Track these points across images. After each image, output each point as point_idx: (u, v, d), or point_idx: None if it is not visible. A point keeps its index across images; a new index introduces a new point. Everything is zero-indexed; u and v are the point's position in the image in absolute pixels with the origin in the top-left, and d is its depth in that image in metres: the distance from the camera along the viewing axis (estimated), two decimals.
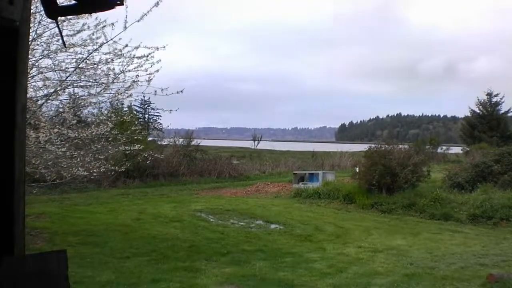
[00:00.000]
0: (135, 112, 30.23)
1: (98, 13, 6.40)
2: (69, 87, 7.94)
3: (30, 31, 2.93)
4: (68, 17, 6.54)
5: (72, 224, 10.16)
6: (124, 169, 11.46)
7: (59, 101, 8.20)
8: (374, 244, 8.93)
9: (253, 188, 18.18)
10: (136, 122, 15.10)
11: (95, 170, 8.75)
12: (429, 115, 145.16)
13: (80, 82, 7.89)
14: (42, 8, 2.67)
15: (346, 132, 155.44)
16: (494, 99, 35.71)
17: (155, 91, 7.73)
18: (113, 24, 7.12)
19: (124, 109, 15.56)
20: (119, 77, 7.81)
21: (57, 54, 7.54)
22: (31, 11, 2.09)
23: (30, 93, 7.37)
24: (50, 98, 7.76)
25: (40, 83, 7.56)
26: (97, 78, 7.85)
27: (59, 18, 2.29)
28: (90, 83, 7.89)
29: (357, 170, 16.24)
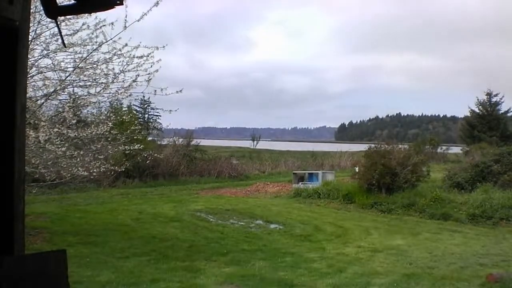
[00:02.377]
0: (134, 112, 30.20)
1: (98, 13, 6.40)
2: (68, 86, 7.94)
3: (30, 30, 2.94)
4: (68, 16, 6.53)
5: (71, 224, 10.16)
6: (123, 169, 11.46)
7: (58, 100, 8.20)
8: (374, 244, 8.94)
9: (252, 188, 18.18)
10: (135, 121, 15.09)
11: (94, 170, 8.74)
12: (429, 115, 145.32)
13: (80, 81, 7.89)
14: (41, 8, 2.67)
15: (345, 132, 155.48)
16: (494, 99, 35.72)
17: (155, 90, 7.74)
18: (112, 24, 7.12)
19: (124, 109, 15.57)
20: (118, 77, 7.82)
21: (56, 54, 7.55)
22: (31, 10, 2.09)
23: (30, 92, 7.37)
24: (50, 97, 7.75)
25: (39, 83, 7.56)
26: (97, 77, 7.85)
27: (58, 17, 2.29)
28: (89, 83, 7.89)
29: (357, 170, 16.25)
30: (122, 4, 1.83)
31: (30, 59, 7.05)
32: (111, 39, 7.26)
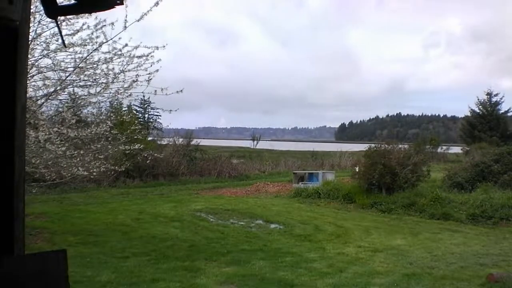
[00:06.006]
0: (134, 111, 30.22)
1: (98, 13, 6.40)
2: (68, 86, 7.93)
3: (30, 30, 2.94)
4: (68, 16, 6.53)
5: (72, 223, 10.17)
6: (124, 169, 11.47)
7: (58, 100, 8.20)
8: (374, 244, 8.94)
9: (253, 188, 18.19)
10: (135, 121, 15.08)
11: (95, 170, 8.74)
12: (429, 115, 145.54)
13: (80, 81, 7.88)
14: (42, 8, 2.67)
15: (346, 132, 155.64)
16: (494, 99, 35.76)
17: (155, 90, 7.73)
18: (113, 24, 7.12)
19: (124, 109, 15.58)
20: (118, 77, 7.81)
21: (56, 54, 7.53)
22: (31, 10, 2.09)
23: (30, 92, 7.36)
24: (50, 97, 7.75)
25: (39, 83, 7.55)
26: (97, 77, 7.84)
27: (58, 17, 2.29)
28: (89, 83, 7.88)
29: (357, 170, 16.26)
30: (122, 4, 1.83)
31: (30, 59, 7.04)
32: (111, 39, 7.25)
